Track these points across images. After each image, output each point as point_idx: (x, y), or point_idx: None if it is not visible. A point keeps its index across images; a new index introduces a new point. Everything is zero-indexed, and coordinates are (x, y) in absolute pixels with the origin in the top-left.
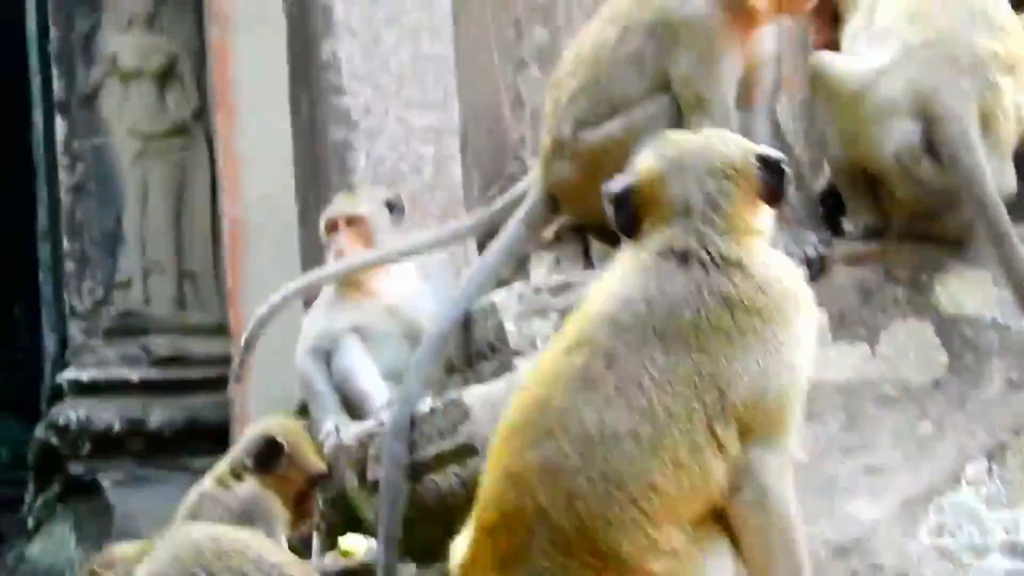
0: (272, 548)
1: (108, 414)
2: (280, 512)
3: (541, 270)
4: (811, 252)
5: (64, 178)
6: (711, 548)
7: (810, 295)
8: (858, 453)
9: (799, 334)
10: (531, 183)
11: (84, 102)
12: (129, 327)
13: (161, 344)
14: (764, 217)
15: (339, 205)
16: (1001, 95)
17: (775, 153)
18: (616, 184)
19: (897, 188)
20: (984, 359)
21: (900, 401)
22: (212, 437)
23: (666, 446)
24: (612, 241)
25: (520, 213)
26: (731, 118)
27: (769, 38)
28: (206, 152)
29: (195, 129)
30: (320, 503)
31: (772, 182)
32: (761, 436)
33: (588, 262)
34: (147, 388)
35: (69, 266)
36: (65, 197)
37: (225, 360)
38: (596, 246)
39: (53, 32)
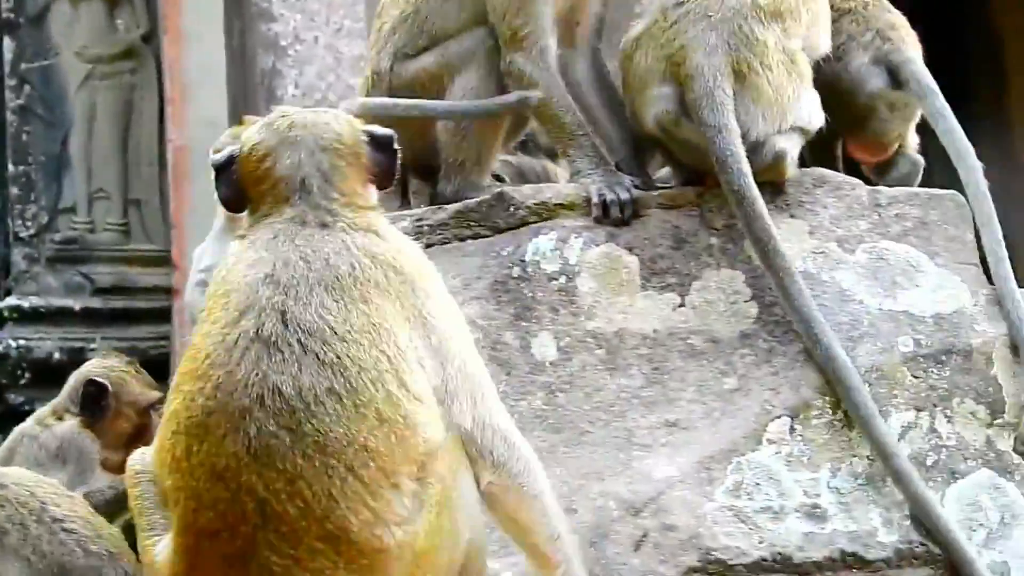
0: (65, 500)
1: (49, 343)
2: (99, 453)
3: None
4: (623, 195)
5: (11, 100)
6: (445, 506)
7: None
8: (660, 408)
9: (443, 298)
10: None
11: (33, 23)
12: (73, 255)
13: (105, 273)
14: (373, 193)
15: None
16: (760, 45)
17: (384, 131)
18: (220, 155)
19: (673, 152)
20: None
21: (707, 354)
22: (153, 369)
23: (366, 401)
24: (427, 178)
25: None
26: (548, 54)
27: None
28: (155, 76)
29: (144, 53)
30: None
31: (382, 160)
32: (464, 395)
33: (405, 200)
34: (89, 317)
35: (13, 190)
36: (11, 119)
37: (169, 291)
38: (414, 182)
39: None
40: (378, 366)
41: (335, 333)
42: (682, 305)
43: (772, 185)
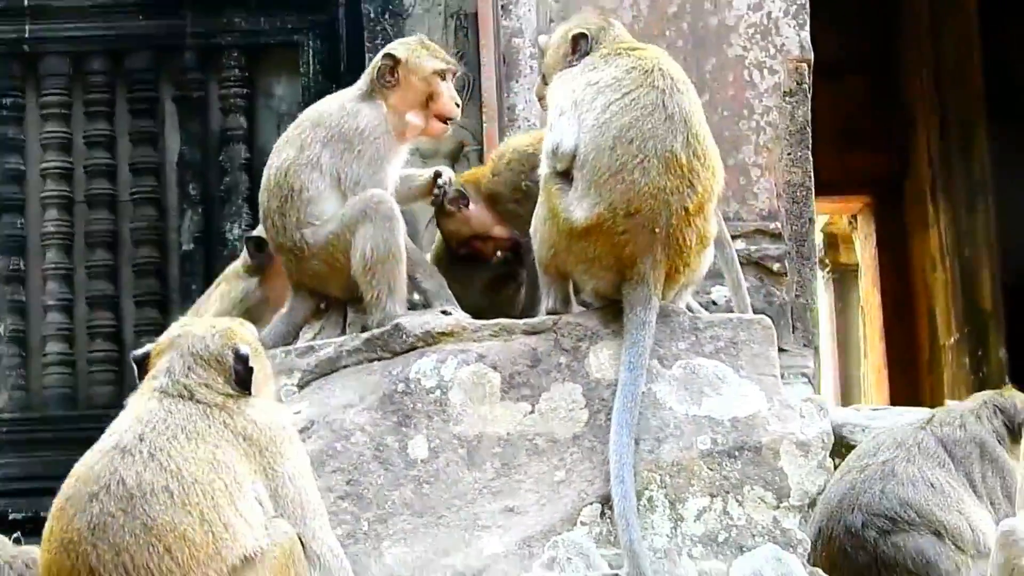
0: None
1: None
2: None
3: (308, 335)
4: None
5: None
6: None
7: (293, 429)
8: (504, 496)
9: (289, 454)
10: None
11: None
12: None
13: None
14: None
15: None
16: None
17: (245, 349)
18: (138, 352)
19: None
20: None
21: (546, 452)
22: None
23: (193, 503)
24: (363, 310)
25: (286, 307)
26: None
27: None
28: None
29: None
30: None
31: (240, 369)
32: (298, 519)
33: (343, 331)
34: None
35: None
36: None
37: None
38: (351, 314)
39: None
40: (212, 484)
41: (180, 454)
42: (532, 412)
43: None
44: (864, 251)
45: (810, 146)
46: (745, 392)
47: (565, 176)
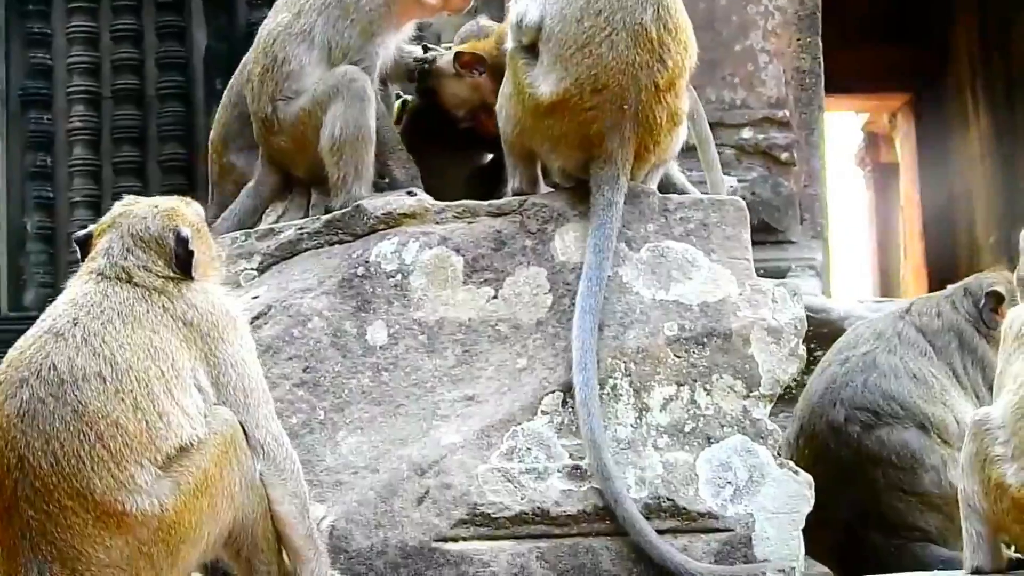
0: None
1: None
2: None
3: (271, 218)
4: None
5: None
6: (204, 491)
7: (238, 313)
8: (464, 384)
9: (233, 340)
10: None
11: None
12: None
13: None
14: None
15: None
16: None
17: (186, 232)
18: (80, 233)
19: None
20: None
21: (509, 338)
22: None
23: (126, 390)
24: (327, 193)
25: (253, 180)
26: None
27: None
28: None
29: None
30: None
31: (180, 253)
32: (240, 406)
33: (306, 214)
34: None
35: None
36: None
37: None
38: (315, 196)
39: None
40: (147, 372)
41: (115, 339)
42: (495, 297)
43: None
44: (903, 149)
45: (819, 31)
46: (716, 276)
47: (531, 50)
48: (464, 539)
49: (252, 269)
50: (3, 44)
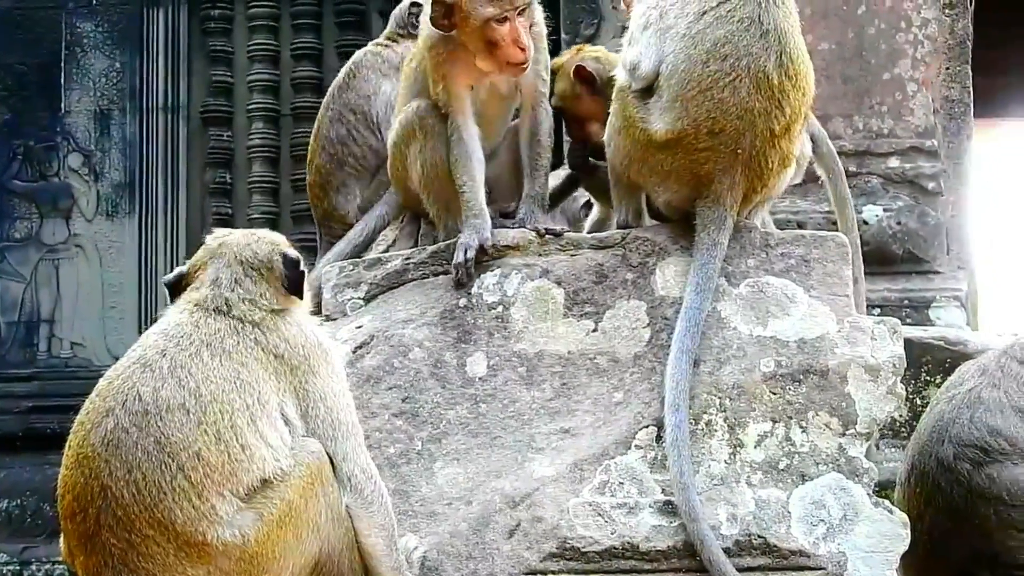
0: None
1: None
2: None
3: (380, 247)
4: (460, 257)
5: None
6: (289, 523)
7: (331, 346)
8: (560, 417)
9: (324, 374)
10: None
11: None
12: None
13: None
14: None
15: None
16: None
17: (294, 253)
18: (169, 276)
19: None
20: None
21: (607, 372)
22: None
23: (209, 422)
24: (434, 226)
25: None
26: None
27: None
28: None
29: None
30: None
31: (291, 274)
32: (329, 440)
33: (415, 243)
34: None
35: None
36: None
37: None
38: (423, 228)
39: None
40: (232, 404)
41: (201, 371)
42: (595, 330)
43: None
44: None
45: (969, 60)
46: (814, 313)
47: (644, 88)
48: (553, 572)
49: (359, 298)
50: (186, 61)
